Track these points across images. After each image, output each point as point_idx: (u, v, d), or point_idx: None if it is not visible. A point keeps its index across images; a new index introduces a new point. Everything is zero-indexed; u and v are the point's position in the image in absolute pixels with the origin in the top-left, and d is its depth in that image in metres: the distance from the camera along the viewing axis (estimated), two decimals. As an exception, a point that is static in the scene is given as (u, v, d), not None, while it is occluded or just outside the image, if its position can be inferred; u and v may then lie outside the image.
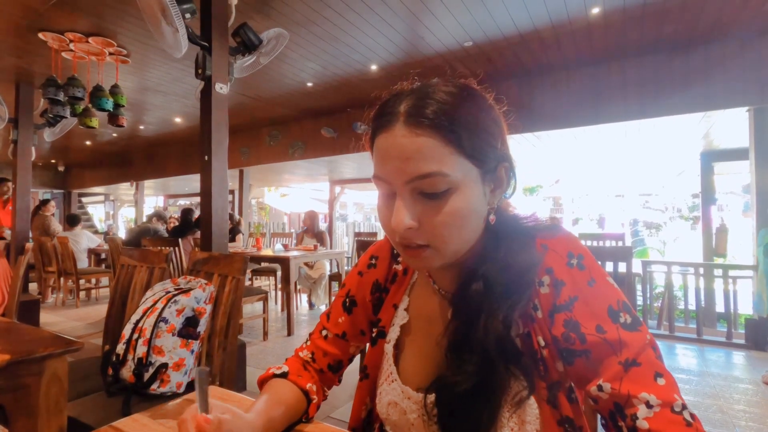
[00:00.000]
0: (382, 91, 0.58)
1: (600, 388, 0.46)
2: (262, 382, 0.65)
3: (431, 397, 0.53)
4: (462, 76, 0.56)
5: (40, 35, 3.11)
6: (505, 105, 0.56)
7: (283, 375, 0.65)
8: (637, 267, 4.27)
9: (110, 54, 3.45)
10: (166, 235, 4.70)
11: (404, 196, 0.49)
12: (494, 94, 0.55)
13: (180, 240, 3.67)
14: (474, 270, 0.54)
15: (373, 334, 0.66)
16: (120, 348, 1.31)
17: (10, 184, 4.40)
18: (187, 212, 4.65)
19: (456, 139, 0.48)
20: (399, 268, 0.68)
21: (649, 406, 0.43)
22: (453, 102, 0.49)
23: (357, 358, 2.58)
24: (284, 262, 3.70)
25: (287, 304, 3.75)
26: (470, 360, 0.50)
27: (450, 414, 0.51)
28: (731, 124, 3.93)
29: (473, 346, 0.51)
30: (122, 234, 10.15)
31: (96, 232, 9.37)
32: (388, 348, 0.63)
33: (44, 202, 5.87)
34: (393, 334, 0.63)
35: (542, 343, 0.51)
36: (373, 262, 0.71)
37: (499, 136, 0.53)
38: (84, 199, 12.02)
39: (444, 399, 0.52)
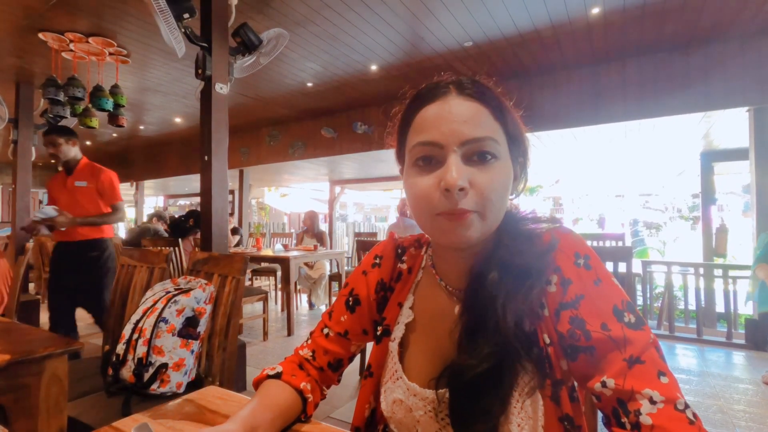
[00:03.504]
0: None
1: (603, 384, 0.46)
2: (257, 384, 0.65)
3: (443, 388, 0.53)
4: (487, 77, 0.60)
5: (40, 35, 3.11)
6: (522, 111, 0.60)
7: (277, 376, 0.64)
8: (637, 267, 4.27)
9: (110, 54, 3.45)
10: (166, 235, 4.70)
11: (456, 157, 0.51)
12: (512, 102, 0.60)
13: (180, 240, 3.67)
14: (486, 262, 0.55)
15: (378, 333, 0.67)
16: (120, 348, 1.31)
17: (61, 140, 2.49)
18: (190, 213, 4.63)
19: (502, 116, 0.54)
20: (404, 267, 0.69)
21: (652, 402, 0.44)
22: (494, 88, 0.56)
23: (357, 359, 2.54)
24: (284, 262, 3.70)
25: (287, 304, 3.75)
26: (485, 344, 0.51)
27: (461, 405, 0.51)
28: (731, 124, 3.93)
29: (488, 334, 0.51)
30: (122, 234, 10.15)
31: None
32: (393, 346, 0.63)
33: None
34: (398, 332, 0.64)
35: (547, 340, 0.52)
36: (377, 261, 0.71)
37: (523, 130, 0.58)
38: (84, 199, 12.00)
39: (456, 387, 0.52)
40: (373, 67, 3.88)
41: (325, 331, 0.70)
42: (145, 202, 9.88)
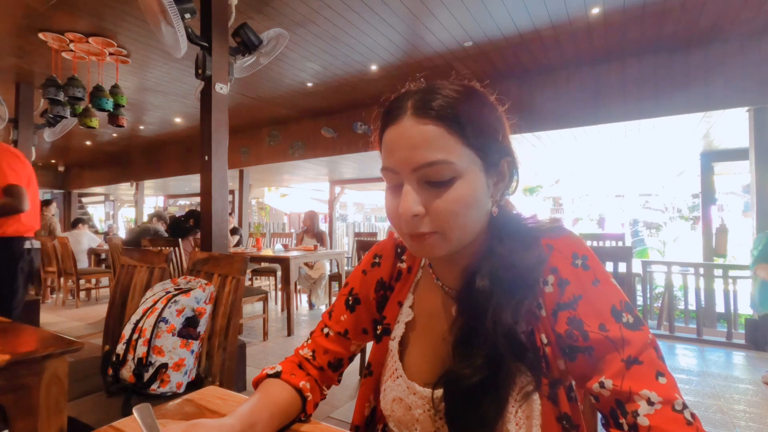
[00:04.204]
0: (384, 91, 0.59)
1: (602, 384, 0.47)
2: (257, 383, 0.66)
3: (439, 392, 0.54)
4: (465, 78, 0.58)
5: (40, 35, 3.11)
6: (507, 105, 0.58)
7: (276, 375, 0.65)
8: (637, 267, 4.27)
9: (110, 54, 3.45)
10: (166, 235, 4.70)
11: (411, 184, 0.51)
12: (496, 95, 0.58)
13: (180, 240, 3.67)
14: (478, 267, 0.55)
15: (378, 332, 0.67)
16: (120, 348, 1.31)
17: None
18: (190, 213, 4.64)
19: (460, 129, 0.50)
20: (403, 266, 0.69)
21: (650, 403, 0.44)
22: (457, 97, 0.52)
23: (357, 359, 2.53)
24: (284, 262, 3.70)
25: (287, 304, 3.75)
26: (479, 353, 0.51)
27: (458, 408, 0.52)
28: (731, 124, 3.93)
29: (481, 341, 0.51)
30: (122, 234, 10.16)
31: (96, 232, 9.39)
32: (393, 345, 0.63)
33: (46, 203, 5.88)
34: (398, 331, 0.64)
35: (545, 340, 0.52)
36: (377, 260, 0.71)
37: (501, 130, 0.55)
38: (84, 200, 12.03)
39: (452, 393, 0.52)
40: (373, 67, 3.88)
41: (325, 330, 0.71)
42: (145, 202, 9.88)
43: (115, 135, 6.66)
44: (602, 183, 11.15)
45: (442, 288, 0.62)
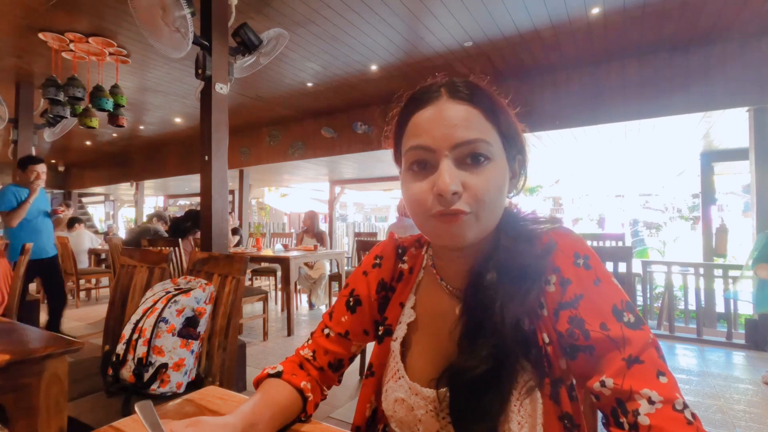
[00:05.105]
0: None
1: (602, 383, 0.47)
2: (258, 383, 0.66)
3: (443, 388, 0.54)
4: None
5: (40, 35, 3.11)
6: (518, 108, 0.60)
7: (278, 374, 0.65)
8: (637, 267, 4.27)
9: (110, 54, 3.46)
10: (166, 235, 4.69)
11: (449, 162, 0.51)
12: (508, 100, 0.60)
13: (180, 240, 3.66)
14: (485, 265, 0.55)
15: (380, 333, 0.67)
16: (120, 348, 1.31)
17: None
18: (189, 213, 4.63)
19: (494, 116, 0.53)
20: (405, 267, 0.69)
21: (651, 402, 0.44)
22: (489, 89, 0.56)
23: (357, 359, 2.53)
24: (284, 262, 3.70)
25: (287, 304, 3.75)
26: (484, 345, 0.51)
27: (461, 402, 0.52)
28: (731, 124, 3.93)
29: (487, 334, 0.52)
30: (122, 234, 10.15)
31: (96, 232, 9.39)
32: (395, 346, 0.63)
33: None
34: (400, 332, 0.64)
35: (547, 340, 0.52)
36: (378, 261, 0.71)
37: (520, 128, 0.58)
38: (84, 199, 12.02)
39: (456, 386, 0.52)
40: (373, 67, 3.88)
41: (326, 331, 0.71)
42: (145, 202, 9.88)
43: (115, 135, 6.66)
44: (602, 183, 11.14)
45: (446, 288, 0.61)
